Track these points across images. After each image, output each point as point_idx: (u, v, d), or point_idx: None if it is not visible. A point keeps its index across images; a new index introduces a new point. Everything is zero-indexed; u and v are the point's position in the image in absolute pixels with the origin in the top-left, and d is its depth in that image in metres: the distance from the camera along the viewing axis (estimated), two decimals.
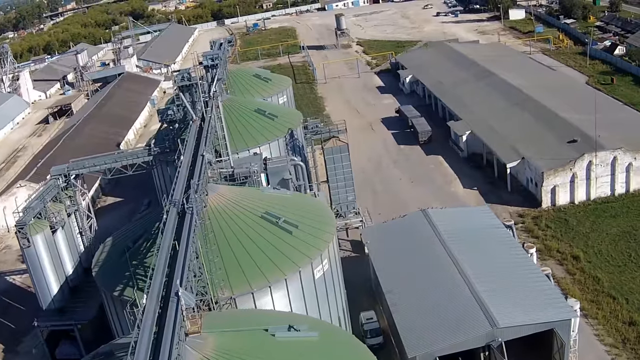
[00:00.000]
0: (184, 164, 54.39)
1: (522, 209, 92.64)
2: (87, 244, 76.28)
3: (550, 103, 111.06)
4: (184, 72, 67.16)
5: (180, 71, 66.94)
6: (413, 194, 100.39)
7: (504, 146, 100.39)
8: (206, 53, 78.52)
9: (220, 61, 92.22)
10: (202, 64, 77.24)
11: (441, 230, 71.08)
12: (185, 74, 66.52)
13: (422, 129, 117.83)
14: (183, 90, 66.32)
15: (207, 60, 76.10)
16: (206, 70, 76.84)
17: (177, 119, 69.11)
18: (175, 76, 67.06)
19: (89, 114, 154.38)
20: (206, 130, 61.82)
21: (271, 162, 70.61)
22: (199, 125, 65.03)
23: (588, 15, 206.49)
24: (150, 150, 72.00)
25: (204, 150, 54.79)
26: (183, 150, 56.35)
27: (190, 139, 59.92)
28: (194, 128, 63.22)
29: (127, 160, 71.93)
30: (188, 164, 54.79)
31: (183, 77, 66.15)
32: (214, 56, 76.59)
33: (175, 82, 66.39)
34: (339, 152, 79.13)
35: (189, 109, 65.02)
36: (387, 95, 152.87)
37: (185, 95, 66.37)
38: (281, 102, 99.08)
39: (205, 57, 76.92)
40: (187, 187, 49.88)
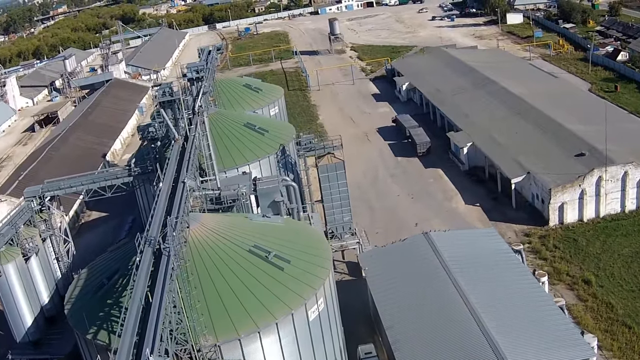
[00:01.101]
0: (163, 192, 48.82)
1: (528, 227, 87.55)
2: (65, 270, 70.78)
3: (554, 113, 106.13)
4: (165, 86, 61.36)
5: (161, 85, 61.12)
6: (412, 210, 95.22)
7: (507, 160, 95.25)
8: (191, 64, 72.46)
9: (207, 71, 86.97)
10: (186, 76, 71.16)
11: (445, 257, 65.76)
12: (166, 88, 60.70)
13: (420, 140, 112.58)
14: (164, 106, 60.53)
15: (192, 72, 70.14)
16: (190, 83, 70.89)
17: (159, 137, 63.61)
18: (155, 91, 61.36)
19: (74, 123, 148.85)
20: (189, 152, 56.24)
21: (261, 182, 65.21)
22: (181, 146, 59.36)
23: (587, 19, 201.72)
24: (131, 170, 66.48)
25: (185, 177, 49.14)
26: (162, 176, 50.79)
27: (171, 162, 54.30)
28: (175, 149, 57.61)
29: (105, 181, 66.44)
30: (167, 192, 49.21)
31: (164, 92, 60.30)
32: (198, 68, 70.57)
33: (156, 97, 60.66)
34: (334, 169, 73.71)
35: (171, 127, 59.38)
36: (382, 103, 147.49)
37: (166, 112, 60.59)
38: (272, 113, 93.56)
39: (190, 69, 70.91)
40: (166, 220, 44.42)
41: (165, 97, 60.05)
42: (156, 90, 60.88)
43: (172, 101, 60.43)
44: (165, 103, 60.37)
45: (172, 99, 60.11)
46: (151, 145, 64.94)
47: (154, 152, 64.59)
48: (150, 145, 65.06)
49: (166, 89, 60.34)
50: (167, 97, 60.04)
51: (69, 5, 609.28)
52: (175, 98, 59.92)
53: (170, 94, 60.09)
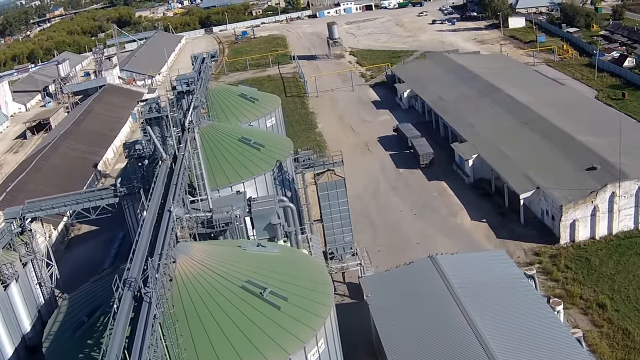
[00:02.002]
0: (147, 222, 44.28)
1: (538, 245, 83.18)
2: (48, 296, 66.29)
3: (563, 123, 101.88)
4: (152, 101, 56.63)
5: (147, 101, 56.52)
6: (415, 226, 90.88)
7: (515, 174, 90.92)
8: (181, 76, 67.68)
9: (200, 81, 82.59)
10: (176, 89, 66.33)
11: (453, 283, 61.39)
12: (152, 103, 56.00)
13: (423, 151, 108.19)
14: (151, 123, 55.88)
15: (182, 85, 65.43)
16: (181, 97, 66.21)
17: (147, 155, 59.15)
18: (141, 107, 56.67)
19: (65, 131, 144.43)
20: (177, 174, 51.71)
21: (256, 203, 60.86)
22: (169, 166, 54.80)
23: (591, 23, 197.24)
24: (116, 190, 61.95)
25: (171, 205, 44.62)
26: (147, 203, 46.25)
27: (156, 187, 49.72)
28: (162, 170, 53.05)
29: (89, 202, 61.89)
30: (152, 223, 44.63)
31: (150, 108, 55.63)
32: (189, 80, 65.78)
33: (141, 114, 55.98)
34: (335, 187, 69.38)
35: (158, 146, 54.82)
36: (383, 111, 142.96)
37: (153, 129, 55.99)
38: (269, 125, 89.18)
39: (179, 81, 66.14)
40: (150, 256, 40.00)
41: (151, 114, 55.32)
42: (142, 106, 56.11)
43: (160, 118, 55.71)
44: (152, 120, 55.65)
45: (159, 116, 55.34)
46: (138, 164, 60.39)
47: (141, 171, 60.13)
48: (138, 164, 60.51)
49: (153, 104, 55.63)
50: (154, 114, 55.30)
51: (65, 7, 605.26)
52: (163, 114, 55.17)
53: (157, 109, 55.34)
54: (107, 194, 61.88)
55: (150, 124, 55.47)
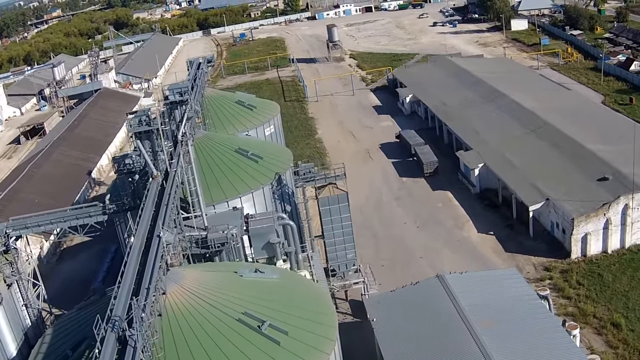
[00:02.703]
0: (134, 249, 40.56)
1: (548, 260, 79.71)
2: (35, 318, 62.53)
3: (572, 130, 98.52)
4: (142, 113, 52.85)
5: (136, 113, 52.78)
6: (420, 239, 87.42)
7: (524, 184, 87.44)
8: (173, 85, 63.84)
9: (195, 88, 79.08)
10: (168, 99, 62.42)
11: (463, 305, 57.86)
12: (142, 116, 52.24)
13: (427, 160, 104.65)
14: (141, 137, 52.17)
15: (174, 95, 61.66)
16: (173, 108, 62.45)
17: (137, 170, 55.58)
18: (130, 120, 52.95)
19: (59, 137, 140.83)
20: (168, 194, 48.04)
21: (254, 220, 57.31)
22: (160, 184, 51.11)
23: (595, 26, 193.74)
24: (105, 207, 58.34)
25: (161, 230, 40.97)
26: (134, 228, 42.60)
27: (146, 208, 45.98)
28: (153, 188, 49.34)
29: (77, 220, 58.26)
30: (140, 250, 40.94)
31: (140, 121, 51.86)
32: (182, 90, 61.98)
33: (130, 127, 52.26)
34: (337, 202, 65.77)
35: (148, 162, 51.11)
36: (385, 117, 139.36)
37: (144, 144, 52.32)
38: (268, 133, 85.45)
39: (172, 91, 62.35)
40: (136, 292, 36.44)
41: (141, 127, 51.58)
42: (131, 119, 52.46)
43: (150, 131, 52.03)
44: (141, 133, 51.96)
45: (149, 129, 51.63)
46: (128, 179, 56.78)
47: (132, 186, 56.54)
48: (128, 179, 56.90)
49: (142, 117, 51.88)
50: (144, 127, 51.55)
51: (63, 9, 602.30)
52: (153, 128, 51.42)
53: (147, 122, 51.60)
54: (95, 211, 58.23)
55: (140, 138, 51.74)
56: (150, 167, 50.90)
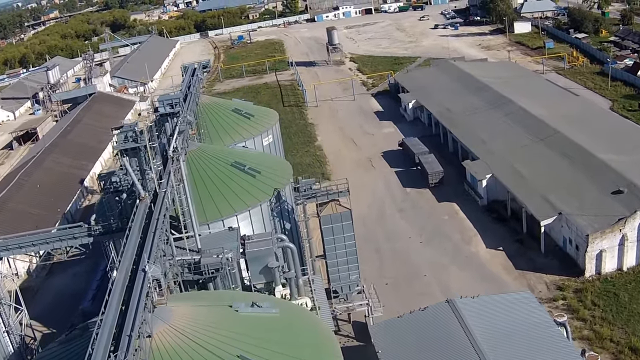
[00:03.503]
0: (117, 284, 36.26)
1: (561, 278, 75.62)
2: (17, 345, 58.42)
3: (582, 139, 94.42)
4: (129, 128, 48.39)
5: (123, 127, 48.34)
6: (425, 254, 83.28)
7: (535, 198, 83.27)
8: (164, 96, 59.25)
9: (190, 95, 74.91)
10: (158, 111, 57.81)
11: (475, 332, 53.75)
12: (129, 132, 47.77)
13: (432, 170, 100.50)
14: (128, 154, 47.76)
15: (165, 107, 57.14)
16: (163, 120, 57.95)
17: (125, 189, 51.32)
18: (115, 136, 48.53)
19: (51, 143, 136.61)
20: (156, 219, 43.73)
21: (251, 242, 53.13)
22: (148, 206, 46.74)
23: (600, 29, 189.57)
24: (91, 229, 54.10)
25: (146, 263, 36.61)
26: (118, 260, 38.30)
27: (131, 237, 41.58)
28: (140, 212, 45.04)
29: (61, 241, 54.02)
30: (123, 285, 36.57)
31: (126, 137, 47.40)
32: (173, 101, 57.45)
33: (116, 143, 47.84)
34: (339, 220, 61.57)
35: (135, 182, 46.77)
36: (387, 123, 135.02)
37: (131, 161, 47.95)
38: (266, 144, 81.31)
39: (162, 102, 57.80)
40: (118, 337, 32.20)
41: (127, 144, 47.17)
42: (117, 134, 48.07)
43: (137, 148, 47.67)
44: (128, 150, 47.60)
45: (136, 146, 47.23)
46: (115, 198, 52.49)
47: (119, 206, 52.28)
48: (115, 198, 52.63)
49: (129, 132, 47.47)
50: (130, 144, 47.15)
51: (60, 10, 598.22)
52: (140, 145, 47.00)
53: (135, 139, 47.21)
54: (80, 232, 53.96)
55: (126, 155, 47.39)
56: (138, 187, 46.65)
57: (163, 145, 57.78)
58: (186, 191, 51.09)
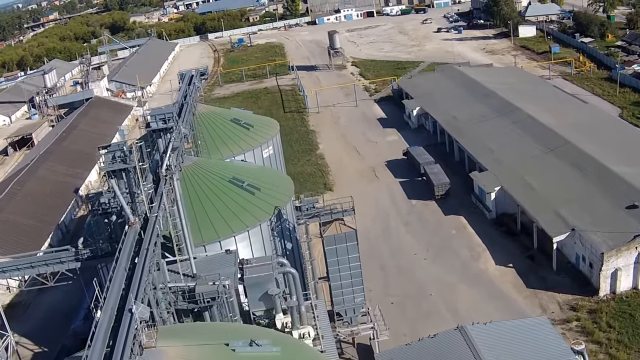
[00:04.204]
0: (101, 327, 32.59)
1: (574, 297, 72.13)
2: None
3: (593, 149, 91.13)
4: (117, 147, 44.45)
5: (111, 146, 44.57)
6: (432, 271, 79.84)
7: (547, 212, 79.74)
8: (156, 110, 55.17)
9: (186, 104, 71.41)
10: (150, 126, 53.81)
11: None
12: (117, 151, 43.87)
13: (438, 181, 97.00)
14: (116, 175, 43.95)
15: (157, 122, 53.30)
16: (156, 137, 54.15)
17: (114, 211, 47.70)
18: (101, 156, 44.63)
19: (45, 150, 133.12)
20: (145, 250, 40.03)
21: (250, 267, 49.61)
22: (138, 232, 43.07)
23: (606, 33, 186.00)
24: (78, 253, 50.55)
25: (133, 303, 32.93)
26: (102, 299, 34.60)
27: (118, 271, 37.74)
28: (129, 240, 41.39)
29: (47, 266, 50.50)
30: (107, 329, 32.82)
31: (114, 157, 43.52)
32: (166, 116, 53.61)
33: (103, 164, 44.00)
34: (344, 241, 58.08)
35: (124, 206, 43.09)
36: (390, 130, 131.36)
37: (119, 183, 44.25)
38: (266, 155, 77.70)
39: (155, 117, 53.92)
40: None
41: (115, 165, 43.34)
42: (104, 154, 44.32)
43: (126, 169, 43.89)
44: (116, 172, 43.85)
45: (125, 167, 43.44)
46: (104, 220, 48.88)
47: (108, 229, 48.69)
48: (104, 220, 49.01)
49: (117, 152, 43.64)
50: (118, 165, 43.32)
51: (60, 12, 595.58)
52: (129, 166, 43.24)
53: (123, 159, 43.45)
54: (67, 257, 50.45)
55: (114, 177, 43.68)
56: (126, 212, 43.06)
57: (156, 161, 54.18)
58: (180, 213, 47.63)
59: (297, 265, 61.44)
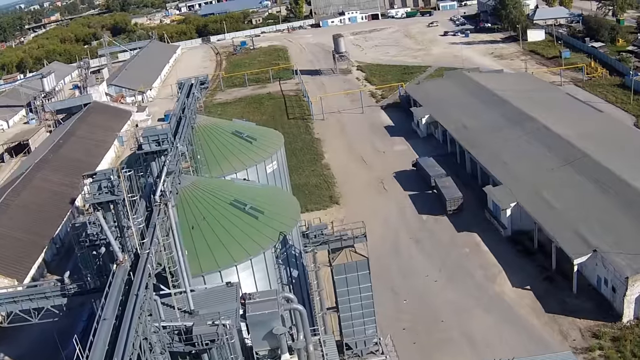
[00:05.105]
0: None
1: (596, 323, 67.82)
2: None
3: (612, 163, 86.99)
4: (104, 175, 39.36)
5: (97, 174, 39.73)
6: (446, 294, 75.48)
7: (566, 231, 75.31)
8: (149, 131, 49.85)
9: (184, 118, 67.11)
10: (142, 148, 48.69)
11: None
12: (103, 180, 38.81)
13: (450, 196, 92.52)
14: (102, 207, 39.06)
15: (150, 144, 48.17)
16: (149, 160, 49.19)
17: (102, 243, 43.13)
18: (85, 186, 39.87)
19: (41, 159, 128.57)
20: (135, 295, 35.41)
21: (254, 303, 45.05)
22: (127, 272, 38.39)
23: (616, 37, 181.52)
24: (65, 288, 46.12)
25: None
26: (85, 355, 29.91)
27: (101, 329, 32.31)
28: (117, 282, 36.73)
29: (31, 301, 46.04)
30: None
31: (100, 188, 38.45)
32: (160, 137, 48.33)
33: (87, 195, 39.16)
34: (355, 270, 53.78)
35: (112, 242, 38.23)
36: (398, 139, 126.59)
37: (107, 216, 39.50)
38: (270, 171, 73.31)
39: (147, 138, 48.81)
40: None
41: (101, 196, 38.42)
42: (89, 183, 39.62)
43: (114, 201, 39.00)
44: (102, 204, 39.01)
45: (113, 200, 38.56)
46: (92, 253, 44.36)
47: (97, 262, 44.23)
48: (92, 253, 44.51)
49: (103, 181, 38.80)
50: (105, 196, 38.39)
51: (62, 13, 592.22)
52: (118, 198, 38.41)
53: (111, 189, 38.52)
54: (52, 292, 45.99)
55: (101, 209, 38.95)
56: (114, 249, 38.52)
57: (150, 184, 49.67)
58: (176, 244, 43.22)
59: (304, 295, 57.03)
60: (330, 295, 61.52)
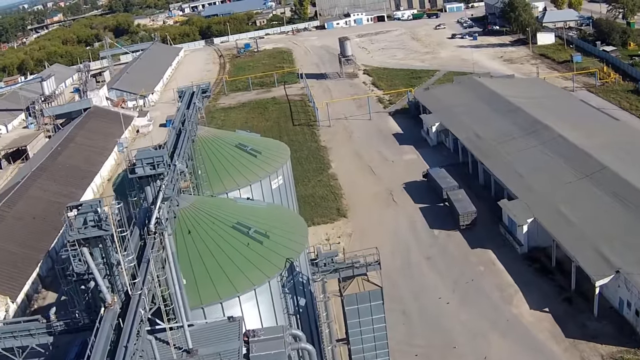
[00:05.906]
0: None
1: (618, 349, 64.15)
2: None
3: (633, 176, 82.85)
4: (90, 207, 34.93)
5: (82, 206, 35.59)
6: (460, 316, 71.58)
7: (587, 250, 71.25)
8: (143, 153, 45.25)
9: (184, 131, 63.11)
10: (135, 172, 44.14)
11: None
12: (89, 212, 34.45)
13: (464, 210, 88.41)
14: (89, 243, 34.84)
15: (144, 167, 43.69)
16: (143, 184, 44.84)
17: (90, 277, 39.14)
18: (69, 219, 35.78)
19: (38, 167, 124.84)
20: (124, 346, 31.46)
21: (258, 342, 41.04)
22: (116, 317, 34.42)
23: (628, 41, 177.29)
24: (51, 325, 42.18)
25: None
26: None
27: None
28: (104, 328, 32.72)
29: (15, 339, 42.10)
30: None
31: (85, 222, 34.15)
32: (155, 160, 44.11)
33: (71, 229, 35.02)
34: (367, 300, 49.80)
35: (100, 283, 34.22)
36: (408, 148, 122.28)
37: (94, 252, 35.28)
38: (275, 186, 69.24)
39: (141, 161, 45.28)
40: None
41: (87, 231, 34.10)
42: (74, 216, 35.57)
43: (102, 237, 34.79)
44: (89, 240, 34.87)
45: (101, 235, 34.43)
46: (80, 287, 40.37)
47: (85, 297, 40.32)
48: (79, 287, 40.52)
49: (89, 214, 34.55)
50: (92, 231, 34.10)
51: (65, 14, 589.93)
52: (106, 234, 34.19)
53: (99, 224, 34.25)
54: (37, 329, 42.13)
55: (87, 246, 34.79)
56: (102, 290, 34.57)
57: (144, 210, 45.65)
58: (173, 278, 39.29)
59: (312, 326, 53.02)
60: (340, 324, 57.62)
